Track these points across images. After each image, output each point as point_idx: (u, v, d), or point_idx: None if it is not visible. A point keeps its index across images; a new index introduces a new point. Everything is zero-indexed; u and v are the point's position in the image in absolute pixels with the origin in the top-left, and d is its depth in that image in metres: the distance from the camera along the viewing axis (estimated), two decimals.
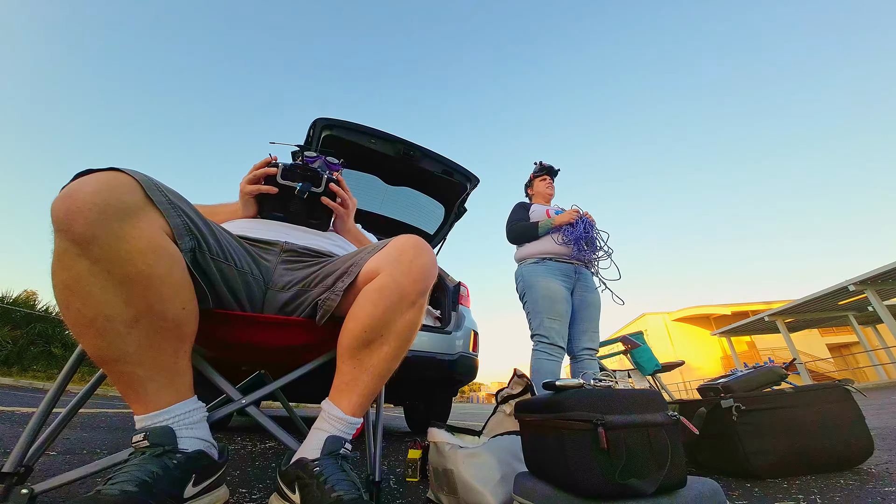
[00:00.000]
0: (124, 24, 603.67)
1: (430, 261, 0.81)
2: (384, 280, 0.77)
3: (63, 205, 0.58)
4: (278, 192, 1.09)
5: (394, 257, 0.78)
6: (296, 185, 1.08)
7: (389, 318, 0.76)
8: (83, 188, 0.59)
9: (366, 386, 0.78)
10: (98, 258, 0.59)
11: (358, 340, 0.76)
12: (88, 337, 0.61)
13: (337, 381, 0.79)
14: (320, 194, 1.12)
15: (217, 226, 0.82)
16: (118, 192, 0.61)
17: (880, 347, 13.26)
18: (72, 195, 0.58)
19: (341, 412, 0.76)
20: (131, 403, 0.65)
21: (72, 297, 0.59)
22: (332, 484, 0.64)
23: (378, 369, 0.78)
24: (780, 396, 1.28)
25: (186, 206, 0.73)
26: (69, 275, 0.59)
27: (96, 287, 0.59)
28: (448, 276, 2.63)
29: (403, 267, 0.77)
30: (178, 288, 0.67)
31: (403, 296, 0.77)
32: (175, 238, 0.68)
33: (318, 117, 1.95)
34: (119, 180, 0.63)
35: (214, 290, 0.77)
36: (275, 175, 1.08)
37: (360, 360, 0.77)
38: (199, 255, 0.73)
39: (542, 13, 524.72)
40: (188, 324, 0.69)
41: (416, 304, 0.79)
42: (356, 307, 0.78)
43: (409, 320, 0.79)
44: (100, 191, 0.59)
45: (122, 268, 0.60)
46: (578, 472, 0.68)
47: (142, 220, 0.63)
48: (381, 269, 0.78)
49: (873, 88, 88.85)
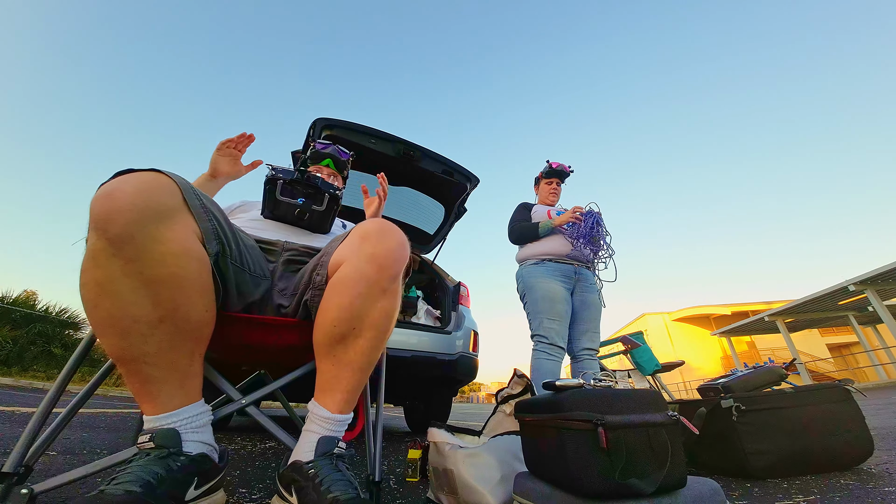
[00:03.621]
0: (124, 24, 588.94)
1: (396, 243, 0.76)
2: (346, 270, 0.74)
3: (103, 203, 0.57)
4: (279, 204, 1.05)
5: (356, 246, 0.75)
6: (296, 202, 1.04)
7: (360, 309, 0.72)
8: (124, 188, 0.59)
9: (348, 382, 0.75)
10: (132, 258, 0.59)
11: (330, 336, 0.73)
12: (111, 336, 0.61)
13: (318, 380, 0.77)
14: (321, 212, 1.08)
15: (239, 230, 0.83)
16: (158, 194, 0.62)
17: (880, 347, 13.24)
18: (113, 194, 0.58)
19: (327, 411, 0.75)
20: (142, 403, 0.66)
21: (101, 296, 0.59)
22: (328, 485, 0.64)
23: (357, 363, 0.75)
24: (780, 396, 1.28)
25: (217, 211, 0.74)
26: (102, 273, 0.59)
27: (127, 287, 0.59)
28: (448, 276, 2.63)
29: (366, 254, 0.73)
30: (205, 291, 0.68)
31: (371, 284, 0.73)
32: (204, 242, 0.69)
33: (318, 117, 1.95)
34: (160, 182, 0.63)
35: (227, 292, 0.78)
36: (272, 176, 1.05)
37: (336, 357, 0.75)
38: (221, 259, 0.73)
39: (544, 13, 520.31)
40: (208, 326, 0.70)
41: (388, 291, 0.75)
42: (324, 302, 0.75)
43: (382, 308, 0.75)
44: (141, 191, 0.60)
45: (155, 269, 0.61)
46: (578, 472, 0.67)
47: (177, 223, 0.64)
48: (344, 258, 0.75)
49: (874, 88, 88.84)
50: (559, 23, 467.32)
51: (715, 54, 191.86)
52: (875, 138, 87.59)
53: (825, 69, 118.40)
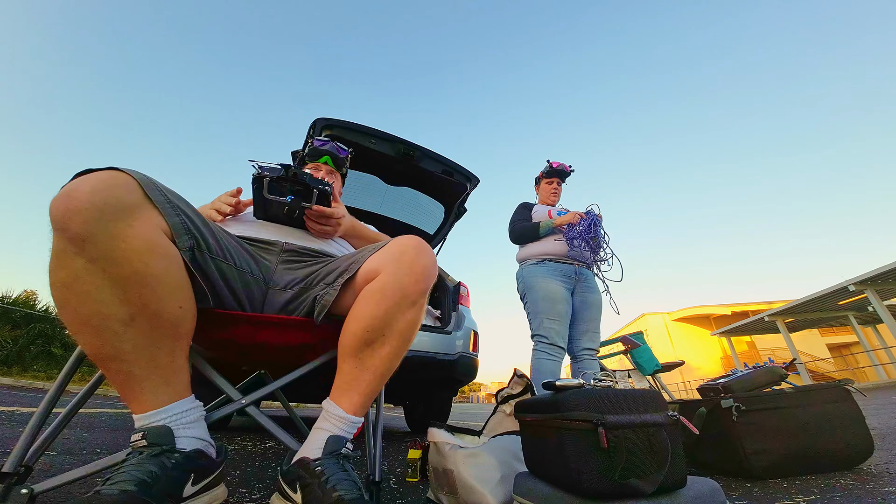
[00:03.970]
0: (124, 24, 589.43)
1: (431, 261, 0.81)
2: (386, 279, 0.77)
3: (61, 204, 0.58)
4: (269, 203, 1.02)
5: (395, 257, 0.79)
6: (285, 200, 1.02)
7: (391, 317, 0.76)
8: (81, 187, 0.59)
9: (367, 385, 0.78)
10: (95, 257, 0.59)
11: (360, 340, 0.76)
12: (85, 335, 0.61)
13: (338, 380, 0.79)
14: (310, 208, 1.04)
15: (216, 225, 0.82)
16: (116, 191, 0.62)
17: (880, 347, 13.25)
18: (70, 194, 0.58)
19: (343, 411, 0.76)
20: (128, 402, 0.65)
21: (69, 296, 0.59)
22: (334, 484, 0.64)
23: (379, 369, 0.78)
24: (780, 396, 1.28)
25: (185, 206, 0.73)
26: (66, 273, 0.59)
27: (93, 286, 0.59)
28: (448, 276, 2.62)
29: (405, 267, 0.77)
30: (175, 287, 0.67)
31: (405, 295, 0.77)
32: (173, 237, 0.68)
33: (318, 117, 1.95)
34: (117, 180, 0.63)
35: (214, 289, 0.77)
36: (258, 193, 1.00)
37: (361, 360, 0.77)
38: (198, 254, 0.73)
39: (544, 13, 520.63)
40: (185, 323, 0.69)
41: (416, 304, 0.79)
42: (357, 307, 0.78)
43: (410, 320, 0.79)
44: (98, 190, 0.60)
45: (119, 267, 0.60)
46: (578, 472, 0.67)
47: (139, 220, 0.63)
48: (383, 268, 0.78)
49: (874, 88, 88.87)
50: (559, 22, 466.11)
51: (715, 54, 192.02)
52: (875, 138, 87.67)
53: (825, 68, 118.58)
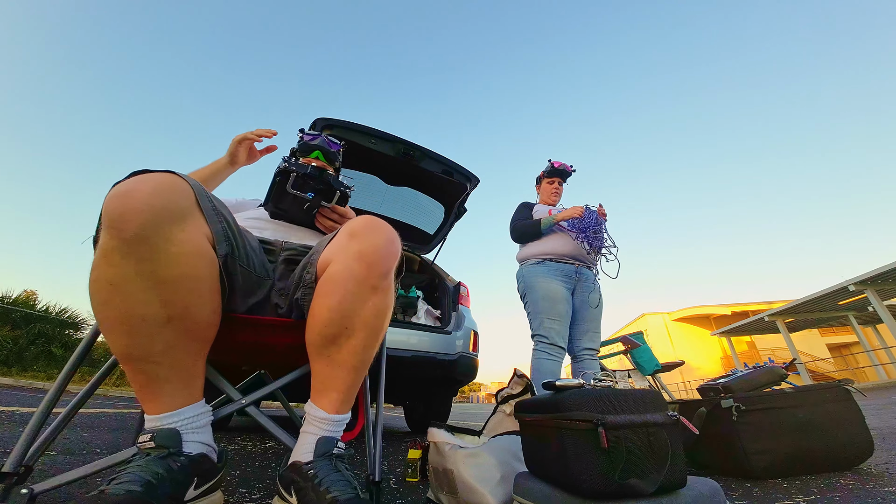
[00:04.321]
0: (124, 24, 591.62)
1: (385, 239, 0.74)
2: (335, 269, 0.72)
3: (119, 203, 0.58)
4: (286, 197, 1.04)
5: (343, 243, 0.74)
6: (306, 196, 1.04)
7: (350, 307, 0.71)
8: (141, 188, 0.59)
9: (342, 381, 0.74)
10: (145, 258, 0.59)
11: (322, 337, 0.72)
12: (119, 334, 0.61)
13: (313, 380, 0.76)
14: (329, 207, 1.08)
15: (246, 231, 0.83)
16: (175, 195, 0.63)
17: (880, 347, 13.25)
18: (130, 193, 0.58)
19: (324, 412, 0.74)
20: (144, 403, 0.66)
21: (113, 295, 0.59)
22: (328, 486, 0.64)
23: (350, 363, 0.74)
24: (780, 396, 1.28)
25: (227, 213, 0.74)
26: (115, 272, 0.59)
27: (138, 287, 0.60)
28: (448, 276, 2.63)
29: (354, 251, 0.72)
30: (214, 292, 0.69)
31: (360, 281, 0.71)
32: (214, 243, 0.69)
33: (319, 117, 1.95)
34: (176, 184, 0.64)
35: (234, 294, 0.78)
36: (284, 168, 1.04)
37: (330, 357, 0.74)
38: (230, 260, 0.73)
39: (544, 12, 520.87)
40: (215, 327, 0.70)
41: (379, 289, 0.73)
42: (314, 302, 0.74)
43: (374, 307, 0.73)
44: (158, 193, 0.60)
45: (168, 270, 0.61)
46: (578, 472, 0.68)
47: (190, 225, 0.64)
48: (333, 257, 0.74)
49: (874, 88, 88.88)
50: (560, 22, 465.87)
51: (714, 54, 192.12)
52: (875, 138, 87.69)
53: (826, 68, 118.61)
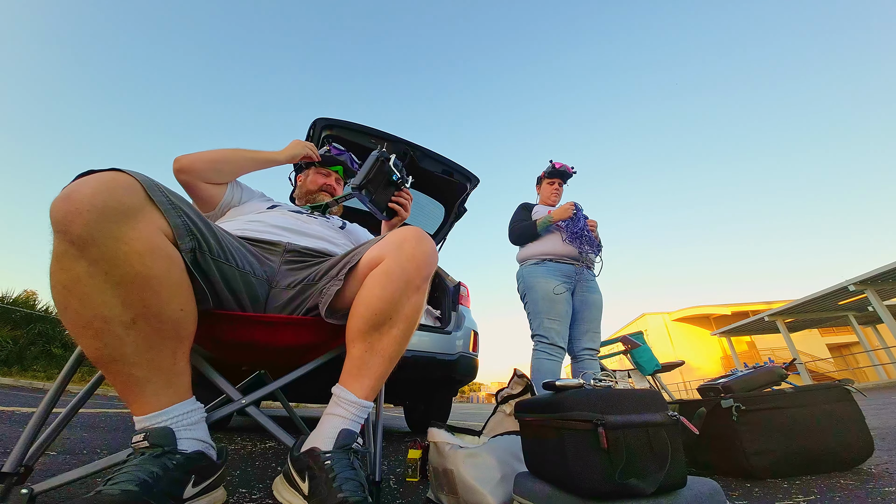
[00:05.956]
0: (124, 24, 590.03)
1: (431, 248, 0.84)
2: (390, 265, 0.78)
3: (62, 206, 0.57)
4: (380, 176, 1.11)
5: (396, 245, 0.81)
6: (392, 179, 1.14)
7: (398, 301, 0.78)
8: (82, 189, 0.59)
9: (377, 368, 0.79)
10: (96, 259, 0.59)
11: (369, 323, 0.77)
12: (86, 338, 0.61)
13: (348, 365, 0.79)
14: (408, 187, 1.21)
15: (218, 226, 0.83)
16: (117, 193, 0.61)
17: (880, 347, 13.25)
18: (71, 196, 0.58)
19: (354, 396, 0.76)
20: (129, 404, 0.65)
21: (70, 298, 0.59)
22: (340, 483, 0.63)
23: (388, 351, 0.79)
24: (780, 396, 1.28)
25: (187, 207, 0.73)
26: (67, 276, 0.59)
27: (94, 288, 0.59)
28: (448, 276, 2.62)
29: (406, 254, 0.80)
30: (176, 289, 0.67)
31: (409, 280, 0.79)
32: (175, 239, 0.68)
33: (318, 117, 1.95)
34: (119, 181, 0.62)
35: (215, 290, 0.77)
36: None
37: (370, 344, 0.78)
38: (199, 255, 0.73)
39: (544, 12, 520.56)
40: (186, 325, 0.69)
41: (420, 289, 0.82)
42: (365, 290, 0.79)
43: (415, 304, 0.81)
44: (99, 192, 0.59)
45: (120, 269, 0.60)
46: (578, 472, 0.67)
47: (140, 222, 0.63)
48: (385, 255, 0.80)
49: (874, 88, 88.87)
50: (560, 21, 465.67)
51: (714, 53, 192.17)
52: (876, 138, 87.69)
53: (826, 68, 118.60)
